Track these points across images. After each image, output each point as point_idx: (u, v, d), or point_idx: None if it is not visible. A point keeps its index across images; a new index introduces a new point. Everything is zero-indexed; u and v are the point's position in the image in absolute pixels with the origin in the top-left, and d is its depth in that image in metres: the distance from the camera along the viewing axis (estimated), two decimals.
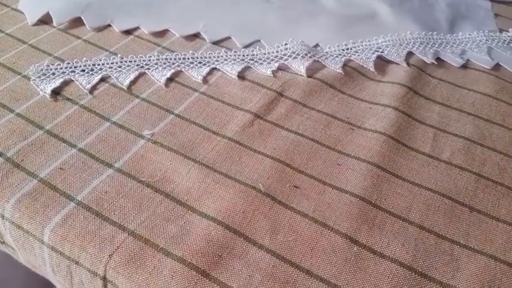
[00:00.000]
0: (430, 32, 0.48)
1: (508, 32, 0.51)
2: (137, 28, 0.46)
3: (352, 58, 0.44)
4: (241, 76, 0.42)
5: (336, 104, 0.40)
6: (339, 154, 0.35)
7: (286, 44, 0.44)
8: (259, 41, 0.46)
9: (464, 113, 0.40)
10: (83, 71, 0.40)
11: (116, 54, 0.43)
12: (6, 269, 0.51)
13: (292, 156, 0.35)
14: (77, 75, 0.40)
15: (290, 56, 0.43)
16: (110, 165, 0.33)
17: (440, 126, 0.39)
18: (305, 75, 0.42)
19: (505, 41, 0.50)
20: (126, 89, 0.39)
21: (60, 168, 0.32)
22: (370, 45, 0.46)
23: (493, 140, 0.38)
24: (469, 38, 0.49)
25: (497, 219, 0.32)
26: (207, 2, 0.50)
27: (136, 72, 0.41)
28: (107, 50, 0.43)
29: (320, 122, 0.38)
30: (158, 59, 0.42)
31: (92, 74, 0.40)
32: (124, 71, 0.41)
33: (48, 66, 0.40)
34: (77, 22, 0.46)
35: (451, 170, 0.35)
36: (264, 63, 0.43)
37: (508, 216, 0.32)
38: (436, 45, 0.47)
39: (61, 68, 0.40)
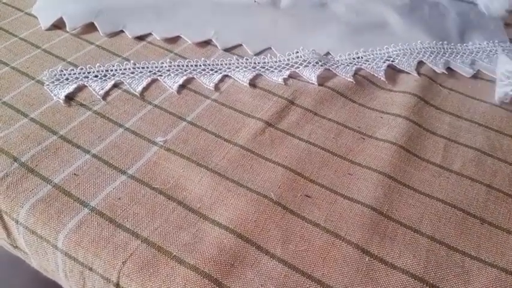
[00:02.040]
0: (441, 42, 0.48)
1: None
2: (149, 34, 0.47)
3: (362, 67, 0.44)
4: (252, 84, 0.42)
5: (346, 112, 0.40)
6: (350, 163, 0.36)
7: (297, 52, 0.44)
8: (270, 48, 0.46)
9: (475, 124, 0.40)
10: (96, 76, 0.41)
11: (128, 60, 0.43)
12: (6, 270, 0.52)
13: (303, 165, 0.35)
14: (90, 81, 0.40)
15: (301, 64, 0.43)
16: (123, 172, 0.33)
17: (451, 136, 0.39)
18: (316, 83, 0.42)
19: None
20: (138, 95, 0.40)
21: (74, 174, 0.32)
22: (380, 54, 0.46)
23: (504, 151, 0.38)
24: (479, 48, 0.49)
25: (508, 231, 0.32)
26: (219, 9, 0.50)
27: (149, 79, 0.41)
28: (119, 56, 0.44)
29: (331, 130, 0.38)
30: (170, 66, 0.42)
31: (105, 80, 0.40)
32: (137, 77, 0.41)
33: (62, 71, 0.41)
34: (90, 27, 0.47)
35: (462, 181, 0.35)
36: (275, 71, 0.43)
37: None
38: (447, 55, 0.47)
39: (74, 74, 0.41)
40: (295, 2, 0.52)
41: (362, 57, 0.45)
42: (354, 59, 0.45)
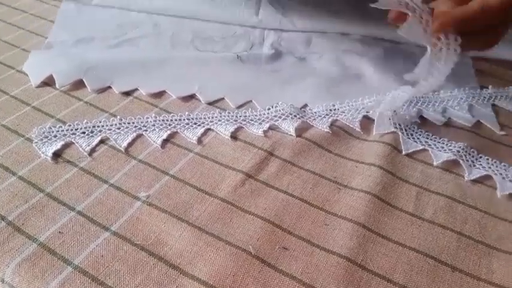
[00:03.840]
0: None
1: (488, 89, 0.54)
2: (136, 90, 0.49)
3: (338, 118, 0.47)
4: (234, 136, 0.44)
5: (323, 163, 0.42)
6: (327, 214, 0.37)
7: (276, 105, 0.47)
8: (251, 101, 0.48)
9: (446, 171, 0.42)
10: (84, 133, 0.42)
11: (115, 115, 0.45)
12: None
13: (281, 216, 0.36)
14: (77, 138, 0.42)
15: (280, 117, 0.46)
16: (107, 228, 0.34)
17: (423, 184, 0.40)
18: (294, 135, 0.44)
19: (485, 97, 0.52)
20: (123, 150, 0.41)
21: (59, 231, 0.34)
22: (356, 105, 0.48)
23: (474, 198, 0.40)
24: (450, 96, 0.51)
25: (478, 278, 0.33)
26: (203, 65, 0.52)
27: (134, 134, 0.43)
28: (106, 112, 0.46)
29: (308, 181, 0.40)
30: (155, 121, 0.44)
31: (92, 136, 0.42)
32: (122, 132, 0.43)
33: (51, 128, 0.42)
34: (79, 84, 0.49)
35: (433, 229, 0.36)
36: (256, 123, 0.45)
37: (488, 275, 0.33)
38: (419, 104, 0.49)
39: (62, 131, 0.42)
40: (276, 57, 0.55)
41: (338, 109, 0.48)
42: (330, 110, 0.47)
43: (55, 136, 0.42)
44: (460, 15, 0.36)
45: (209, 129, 0.45)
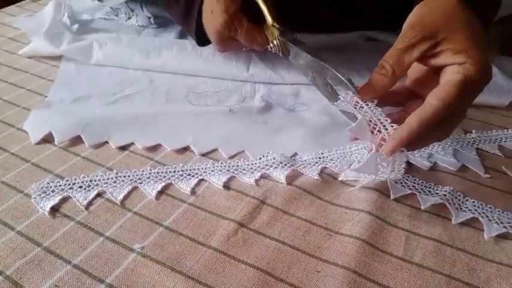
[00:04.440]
0: None
1: (471, 133, 0.56)
2: (132, 144, 0.51)
3: (327, 165, 0.48)
4: (226, 186, 0.45)
5: (314, 210, 0.43)
6: (318, 261, 0.38)
7: (267, 155, 0.48)
8: (243, 151, 0.50)
9: (433, 215, 0.43)
10: (81, 187, 0.44)
11: (112, 169, 0.47)
12: None
13: (273, 265, 0.37)
14: (74, 192, 0.43)
15: (271, 166, 0.47)
16: (102, 281, 0.35)
17: (412, 228, 0.41)
18: (285, 182, 0.46)
19: (469, 142, 0.54)
20: (119, 203, 0.42)
21: (56, 285, 0.34)
22: (344, 153, 0.50)
23: (462, 240, 0.41)
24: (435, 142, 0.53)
25: None
26: (197, 118, 0.55)
27: (130, 187, 0.44)
28: (103, 166, 0.47)
29: (300, 228, 0.41)
30: (150, 173, 0.46)
31: (89, 190, 0.44)
32: (118, 185, 0.44)
33: (49, 183, 0.44)
34: (77, 140, 0.51)
35: (423, 272, 0.37)
36: (248, 173, 0.47)
37: None
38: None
39: (60, 185, 0.44)
40: (267, 109, 0.57)
41: (327, 157, 0.49)
42: (319, 158, 0.49)
43: (53, 191, 0.43)
44: (407, 137, 0.38)
45: (202, 179, 0.46)
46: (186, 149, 0.51)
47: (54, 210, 0.41)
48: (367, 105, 0.41)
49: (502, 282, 0.37)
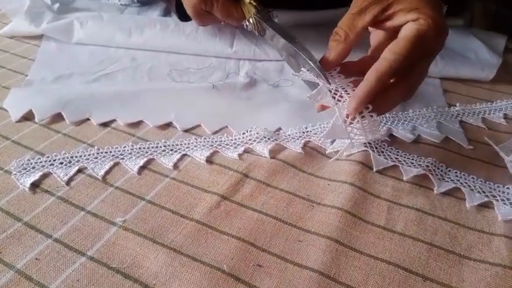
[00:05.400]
0: None
1: (456, 106, 0.56)
2: (114, 120, 0.50)
3: (311, 139, 0.48)
4: (209, 160, 0.45)
5: (297, 182, 0.43)
6: (300, 231, 0.38)
7: (251, 130, 0.48)
8: (227, 127, 0.50)
9: (415, 185, 0.43)
10: (61, 163, 0.43)
11: (93, 146, 0.46)
12: None
13: (256, 235, 0.37)
14: (55, 168, 0.43)
15: (255, 141, 0.47)
16: (83, 254, 0.35)
17: (394, 199, 0.42)
18: (268, 156, 0.46)
19: (453, 115, 0.55)
20: (100, 178, 0.42)
21: (36, 258, 0.34)
22: (327, 127, 0.50)
23: (444, 209, 0.41)
24: (419, 115, 0.53)
25: (449, 286, 0.34)
26: (179, 95, 0.54)
27: (111, 163, 0.44)
28: (84, 143, 0.47)
29: (282, 200, 0.41)
30: (132, 149, 0.45)
31: (70, 166, 0.43)
32: (99, 161, 0.44)
33: (29, 160, 0.43)
34: (58, 117, 0.50)
35: (404, 241, 0.37)
36: (231, 147, 0.47)
37: (459, 284, 0.34)
38: (389, 123, 0.51)
39: (41, 162, 0.43)
40: (251, 85, 0.57)
41: (310, 131, 0.49)
42: (303, 132, 0.49)
43: (33, 167, 0.43)
44: (366, 92, 0.38)
45: (185, 154, 0.46)
46: (168, 125, 0.50)
47: (35, 186, 0.41)
48: (329, 73, 0.42)
49: (483, 249, 0.37)
